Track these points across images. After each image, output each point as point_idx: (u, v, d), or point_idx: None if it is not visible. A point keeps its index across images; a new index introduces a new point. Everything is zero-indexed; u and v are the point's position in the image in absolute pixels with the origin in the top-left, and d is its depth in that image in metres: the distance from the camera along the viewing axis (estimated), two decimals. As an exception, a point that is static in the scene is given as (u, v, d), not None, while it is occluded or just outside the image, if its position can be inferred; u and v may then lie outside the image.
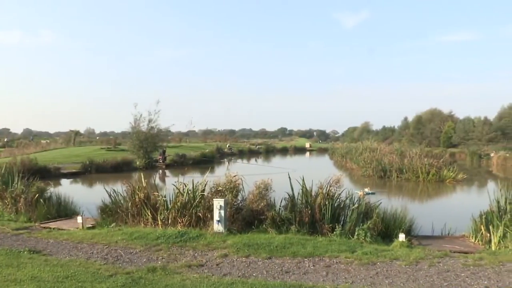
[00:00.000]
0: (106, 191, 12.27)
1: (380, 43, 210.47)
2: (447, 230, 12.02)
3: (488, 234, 10.55)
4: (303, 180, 11.18)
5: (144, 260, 7.92)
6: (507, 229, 10.12)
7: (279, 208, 11.08)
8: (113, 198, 12.07)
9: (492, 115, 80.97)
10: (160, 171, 36.25)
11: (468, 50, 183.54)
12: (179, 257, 8.11)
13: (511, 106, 76.29)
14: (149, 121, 37.85)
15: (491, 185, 28.73)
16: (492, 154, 54.06)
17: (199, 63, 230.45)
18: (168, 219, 10.86)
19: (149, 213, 11.12)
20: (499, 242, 10.17)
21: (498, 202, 10.91)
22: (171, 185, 12.01)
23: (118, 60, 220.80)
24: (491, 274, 7.31)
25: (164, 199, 11.34)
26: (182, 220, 10.67)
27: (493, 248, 10.10)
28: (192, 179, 11.50)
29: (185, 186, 11.33)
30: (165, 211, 11.03)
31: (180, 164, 39.30)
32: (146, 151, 37.02)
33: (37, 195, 13.09)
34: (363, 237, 9.79)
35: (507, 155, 49.35)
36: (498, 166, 47.20)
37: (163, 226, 10.75)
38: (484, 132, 71.03)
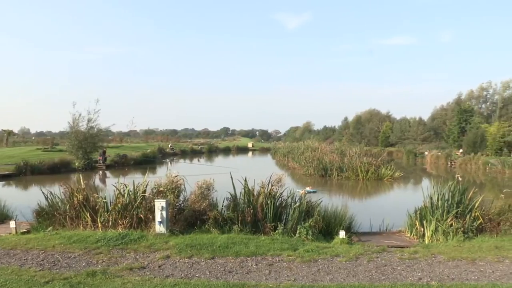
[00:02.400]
0: (43, 193, 11.74)
1: (321, 45, 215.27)
2: (385, 226, 12.51)
3: (422, 229, 11.10)
4: (245, 179, 11.24)
5: (83, 264, 7.68)
6: (438, 223, 10.69)
7: (222, 208, 11.09)
8: (50, 201, 11.58)
9: (426, 116, 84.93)
10: (100, 172, 35.29)
11: (404, 53, 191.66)
12: (120, 260, 7.94)
13: (443, 108, 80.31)
14: (89, 120, 36.82)
15: (425, 182, 30.14)
16: (426, 153, 56.60)
17: (140, 61, 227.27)
18: (109, 221, 10.60)
19: (89, 216, 10.81)
20: (431, 235, 10.73)
21: (431, 198, 11.45)
22: (111, 186, 11.71)
23: (55, 56, 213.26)
24: (424, 266, 7.75)
25: (104, 200, 11.06)
26: (123, 222, 10.44)
27: (426, 241, 10.64)
28: (133, 180, 11.27)
29: (126, 187, 11.10)
30: (105, 213, 10.76)
31: (121, 165, 38.54)
32: (85, 152, 35.91)
33: (-36, 199, 12.36)
34: (304, 235, 9.97)
35: (439, 153, 51.85)
36: (432, 164, 49.55)
37: (103, 228, 10.48)
38: (419, 132, 74.20)
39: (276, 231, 10.20)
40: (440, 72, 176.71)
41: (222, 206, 11.18)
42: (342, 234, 10.16)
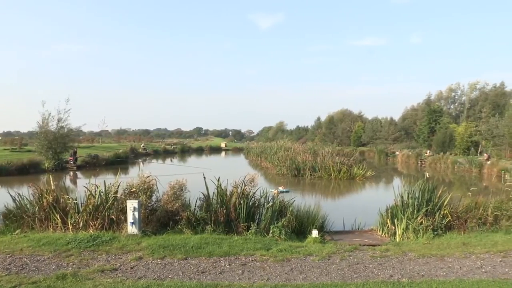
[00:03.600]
0: (10, 195, 11.42)
1: (294, 45, 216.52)
2: (357, 225, 12.70)
3: (393, 227, 11.32)
4: (218, 179, 11.22)
5: (53, 267, 7.52)
6: (409, 222, 10.91)
7: (195, 208, 11.03)
8: (18, 203, 11.27)
9: (397, 116, 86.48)
10: (71, 172, 34.71)
11: (375, 54, 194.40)
12: (92, 262, 7.81)
13: (413, 108, 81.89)
14: (59, 120, 36.06)
15: (396, 181, 30.63)
16: (397, 152, 57.69)
17: (112, 60, 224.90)
18: (79, 223, 10.41)
19: (59, 218, 10.59)
20: (402, 233, 10.95)
21: (402, 197, 11.67)
22: (82, 187, 11.51)
23: (23, 53, 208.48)
24: (396, 263, 7.89)
25: (75, 202, 10.85)
26: (94, 223, 10.28)
27: (397, 239, 10.85)
28: (104, 181, 11.11)
29: (97, 187, 10.91)
30: (76, 215, 10.56)
31: (92, 165, 37.98)
32: (55, 152, 35.19)
33: None
34: (278, 235, 10.01)
35: (410, 153, 52.91)
36: (402, 163, 50.49)
37: (74, 230, 10.29)
38: (390, 131, 75.49)
39: (249, 231, 10.21)
40: (411, 73, 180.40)
41: (195, 206, 11.12)
42: (315, 233, 10.26)
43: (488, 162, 36.75)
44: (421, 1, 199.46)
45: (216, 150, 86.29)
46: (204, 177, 11.24)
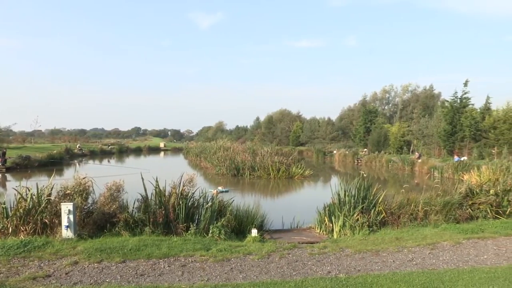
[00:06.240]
0: None
1: (233, 45, 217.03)
2: (296, 223, 12.94)
3: (331, 224, 11.64)
4: (156, 180, 11.05)
5: (-22, 276, 7.11)
6: (346, 219, 11.27)
7: (132, 210, 10.83)
8: None
9: (334, 116, 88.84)
10: (0, 175, 32.97)
11: (313, 56, 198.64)
12: (22, 269, 7.46)
13: (350, 108, 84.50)
14: (-15, 120, 34.14)
15: (333, 179, 31.38)
16: (334, 151, 59.08)
17: (43, 55, 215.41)
18: (8, 228, 9.89)
19: (-15, 223, 10.04)
20: (339, 230, 11.29)
21: (339, 195, 12.03)
22: (12, 190, 10.97)
23: None
24: (333, 260, 8.17)
25: (4, 206, 10.31)
26: (26, 228, 9.82)
27: (335, 236, 11.17)
28: (37, 183, 10.66)
29: (29, 190, 10.43)
30: (5, 220, 10.03)
31: (24, 167, 36.20)
32: (-19, 154, 33.34)
33: None
34: (217, 235, 10.02)
35: (347, 152, 54.43)
36: (339, 162, 51.89)
37: (2, 236, 9.78)
38: (328, 131, 77.29)
39: (189, 231, 10.16)
40: (347, 75, 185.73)
41: (133, 207, 10.92)
42: (254, 232, 10.36)
43: (419, 161, 38.52)
44: (357, 4, 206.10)
45: (154, 150, 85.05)
46: (142, 178, 11.05)
